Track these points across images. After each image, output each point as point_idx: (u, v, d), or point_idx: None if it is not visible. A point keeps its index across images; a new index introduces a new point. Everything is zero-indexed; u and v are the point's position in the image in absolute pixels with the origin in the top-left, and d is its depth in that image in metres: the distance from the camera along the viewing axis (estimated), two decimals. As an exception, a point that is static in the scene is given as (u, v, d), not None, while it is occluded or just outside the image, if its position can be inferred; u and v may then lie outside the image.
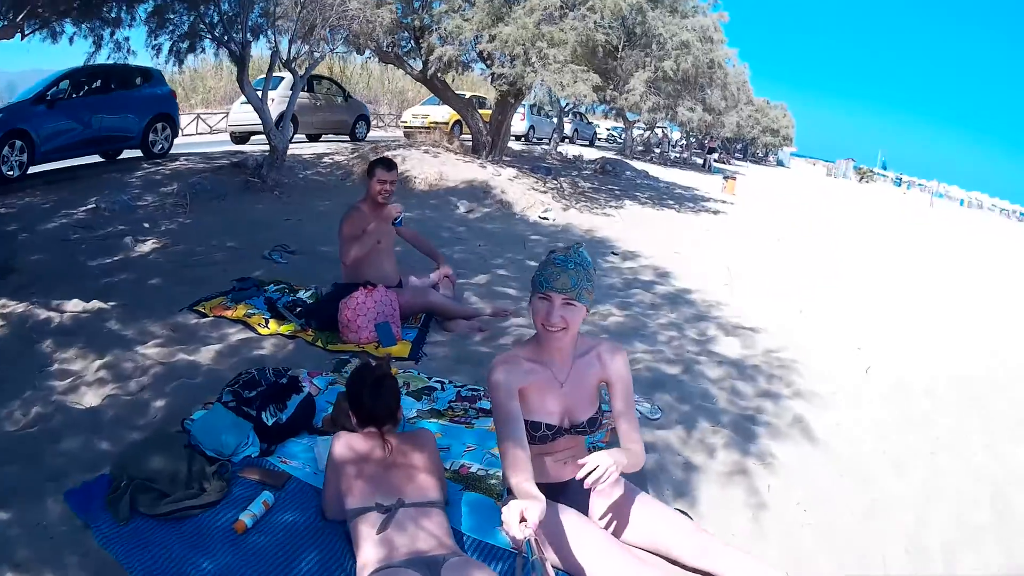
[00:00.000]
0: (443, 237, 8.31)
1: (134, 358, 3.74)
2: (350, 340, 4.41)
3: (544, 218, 10.36)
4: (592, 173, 16.83)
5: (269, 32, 10.09)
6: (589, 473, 2.36)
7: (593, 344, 2.69)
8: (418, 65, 12.89)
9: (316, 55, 10.99)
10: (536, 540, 1.83)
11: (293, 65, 10.68)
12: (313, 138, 17.45)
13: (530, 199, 11.16)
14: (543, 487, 2.51)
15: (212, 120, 21.62)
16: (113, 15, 9.30)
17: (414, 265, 5.68)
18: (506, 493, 2.60)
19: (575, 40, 9.59)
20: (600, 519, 2.69)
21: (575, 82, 9.58)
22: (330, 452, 2.60)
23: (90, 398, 3.37)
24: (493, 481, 3.09)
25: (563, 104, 21.93)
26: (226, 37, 9.51)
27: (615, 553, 2.46)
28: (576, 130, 29.89)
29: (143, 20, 9.49)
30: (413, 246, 5.53)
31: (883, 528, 3.27)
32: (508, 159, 14.12)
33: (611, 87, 11.08)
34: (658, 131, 32.80)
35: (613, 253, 8.77)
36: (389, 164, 4.85)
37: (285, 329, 4.45)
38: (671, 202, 15.32)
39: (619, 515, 2.68)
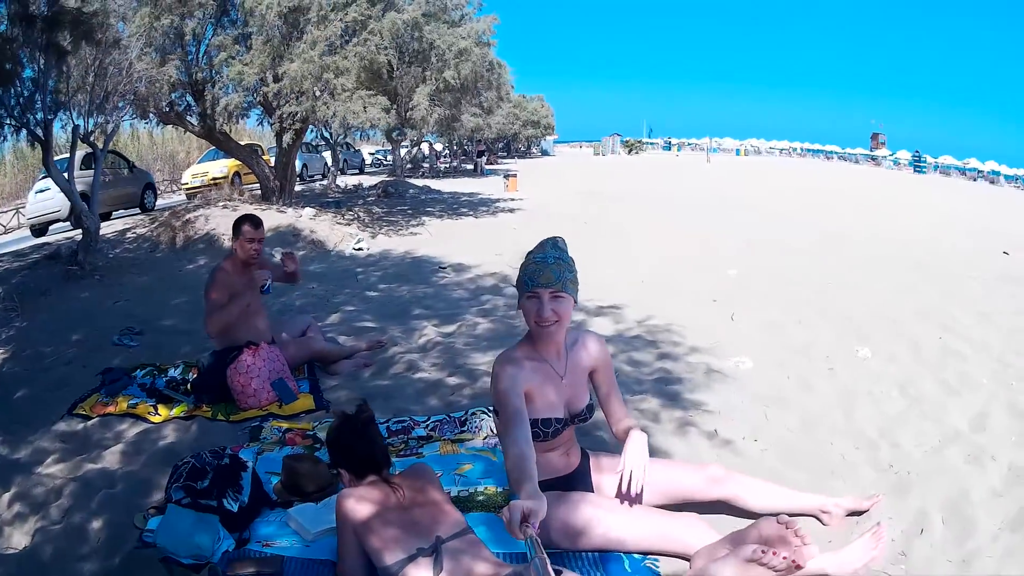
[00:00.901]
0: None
1: (41, 481, 3.14)
2: (250, 406, 4.06)
3: (359, 249, 10.16)
4: (377, 198, 16.74)
5: (66, 108, 9.16)
6: (630, 478, 2.60)
7: (577, 334, 2.81)
8: (198, 121, 12.23)
9: (110, 126, 10.16)
10: (537, 540, 1.85)
11: (92, 139, 9.85)
12: (104, 216, 15.82)
13: (338, 233, 10.95)
14: (554, 481, 2.65)
15: (4, 219, 19.09)
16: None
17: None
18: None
19: (359, 66, 9.54)
20: (613, 494, 2.77)
21: (365, 108, 9.53)
22: (341, 515, 2.37)
23: (19, 538, 2.79)
24: (481, 497, 3.07)
25: (342, 135, 21.55)
26: (25, 118, 8.55)
27: (645, 516, 2.61)
28: (346, 160, 29.55)
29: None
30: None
31: (824, 436, 3.77)
32: (295, 200, 13.72)
33: (395, 107, 11.10)
34: (424, 146, 33.21)
35: (441, 268, 8.83)
36: (256, 221, 4.54)
37: (179, 411, 3.98)
38: (465, 210, 15.69)
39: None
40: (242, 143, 15.82)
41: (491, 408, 4.06)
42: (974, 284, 7.75)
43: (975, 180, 42.65)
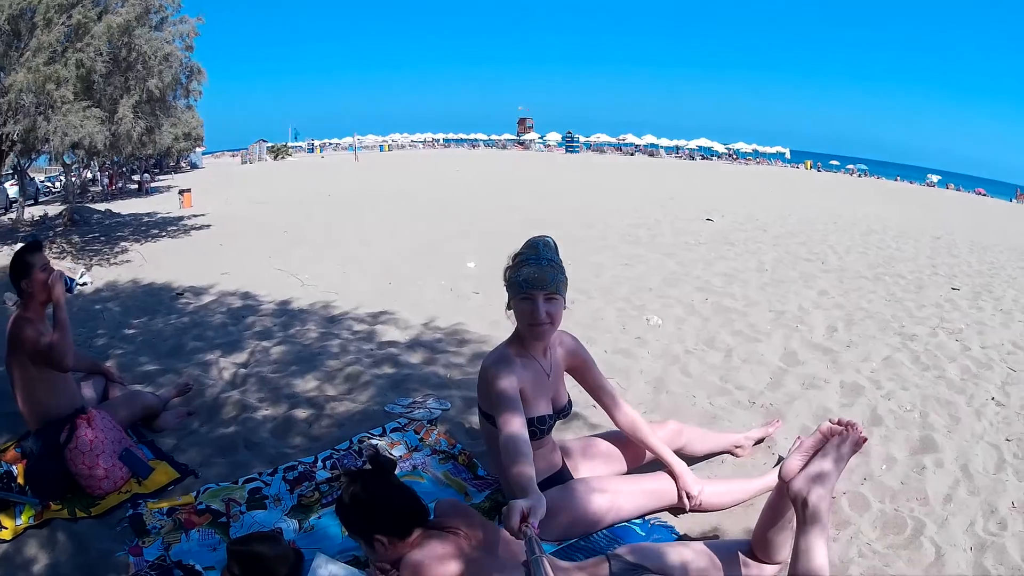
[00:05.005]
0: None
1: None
2: (104, 490, 3.02)
3: (84, 284, 8.43)
4: (65, 227, 14.17)
5: None
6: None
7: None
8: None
9: None
10: (537, 539, 1.82)
11: None
12: None
13: (57, 269, 8.85)
14: (548, 480, 2.64)
15: None
16: None
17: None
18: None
19: (76, 75, 7.84)
20: (600, 472, 2.87)
21: (83, 122, 7.87)
22: None
23: None
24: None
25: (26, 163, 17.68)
26: None
27: (640, 482, 2.73)
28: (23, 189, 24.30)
29: None
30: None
31: (681, 391, 4.17)
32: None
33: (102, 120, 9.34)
34: (87, 171, 28.83)
35: (179, 295, 7.70)
36: (38, 244, 3.48)
37: (27, 518, 2.77)
38: (156, 231, 13.93)
39: (605, 460, 2.92)
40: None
41: (372, 432, 3.63)
42: (700, 249, 8.72)
43: (632, 155, 47.34)
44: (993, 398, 3.94)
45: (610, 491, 2.63)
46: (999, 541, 2.51)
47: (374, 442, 3.50)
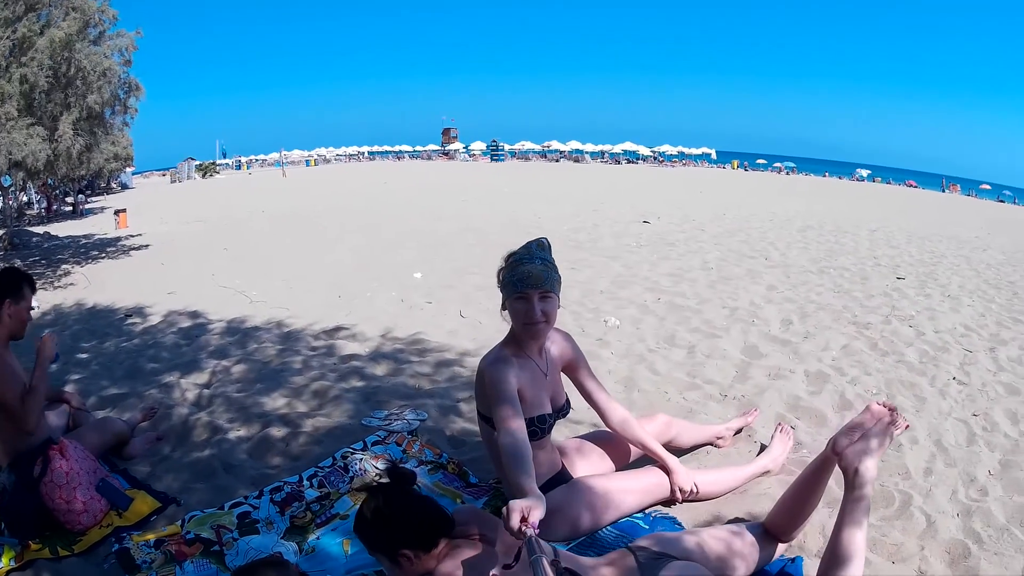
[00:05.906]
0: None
1: None
2: (84, 524, 2.86)
3: (32, 308, 8.06)
4: (6, 252, 13.52)
5: None
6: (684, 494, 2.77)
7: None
8: None
9: None
10: (536, 539, 1.82)
11: None
12: None
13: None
14: (551, 481, 2.64)
15: None
16: None
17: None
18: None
19: (19, 91, 7.46)
20: (594, 471, 2.87)
21: (27, 140, 7.49)
22: None
23: None
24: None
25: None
26: None
27: (639, 476, 2.76)
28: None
29: None
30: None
31: (652, 388, 4.19)
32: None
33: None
34: (22, 193, 27.52)
35: (128, 317, 7.43)
36: (33, 280, 3.26)
37: (8, 560, 2.59)
38: (96, 253, 13.40)
39: (598, 459, 2.93)
40: None
41: (353, 447, 3.55)
42: (642, 251, 8.80)
43: (558, 161, 47.68)
44: (954, 378, 4.15)
45: (612, 488, 2.64)
46: (983, 506, 2.67)
47: (358, 456, 3.41)
